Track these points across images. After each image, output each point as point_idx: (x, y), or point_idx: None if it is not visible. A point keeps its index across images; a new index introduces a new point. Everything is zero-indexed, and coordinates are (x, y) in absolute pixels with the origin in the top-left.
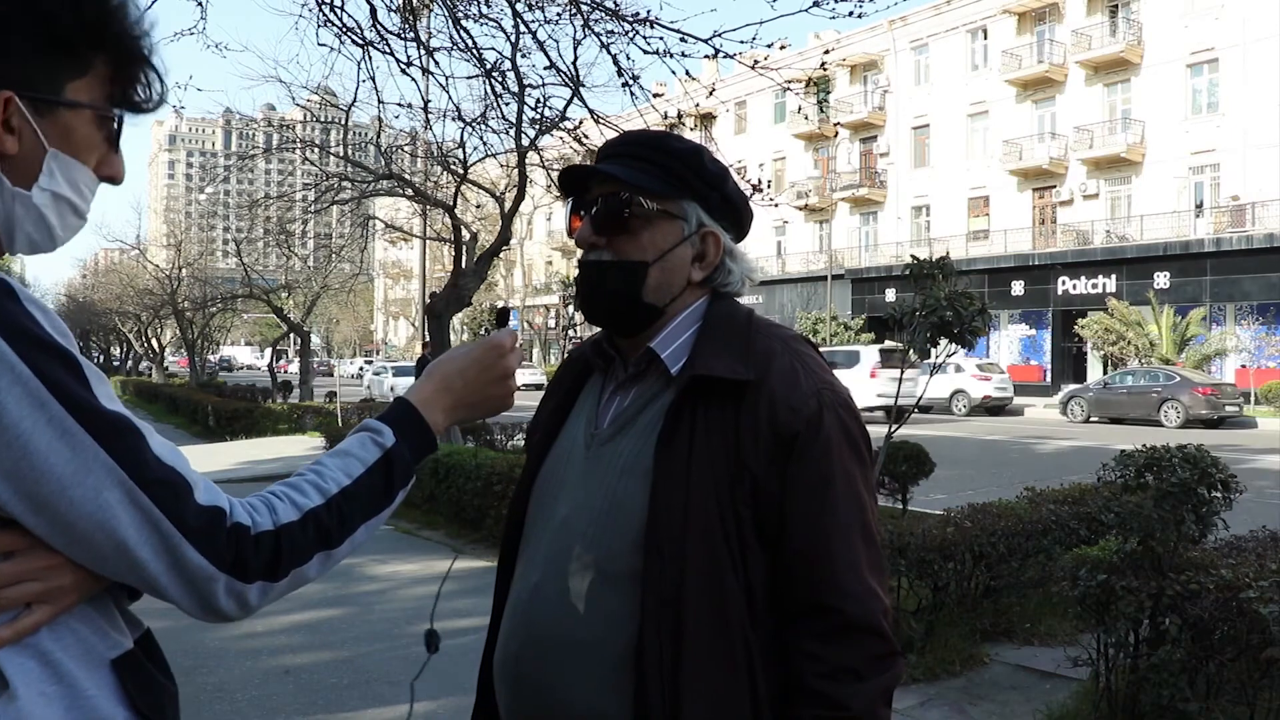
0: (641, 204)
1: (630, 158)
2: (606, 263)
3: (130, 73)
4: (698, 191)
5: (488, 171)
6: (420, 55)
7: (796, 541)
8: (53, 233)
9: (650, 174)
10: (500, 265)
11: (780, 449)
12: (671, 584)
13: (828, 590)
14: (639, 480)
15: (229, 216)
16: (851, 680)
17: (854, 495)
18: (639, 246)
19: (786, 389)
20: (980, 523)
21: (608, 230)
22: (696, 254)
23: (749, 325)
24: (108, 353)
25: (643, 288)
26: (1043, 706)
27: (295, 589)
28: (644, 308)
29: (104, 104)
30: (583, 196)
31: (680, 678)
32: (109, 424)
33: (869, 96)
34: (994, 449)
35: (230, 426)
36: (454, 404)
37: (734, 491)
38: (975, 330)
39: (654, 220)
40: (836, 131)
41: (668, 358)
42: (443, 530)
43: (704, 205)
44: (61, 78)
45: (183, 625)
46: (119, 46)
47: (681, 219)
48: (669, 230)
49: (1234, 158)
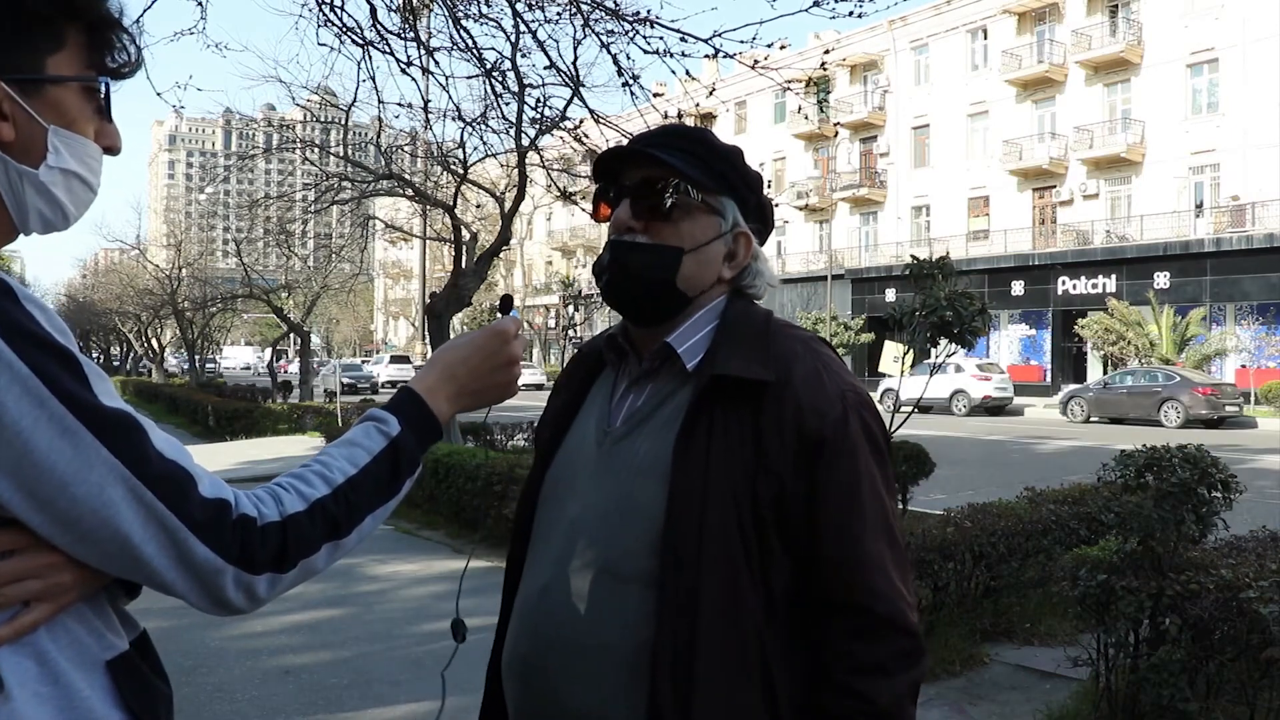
0: (688, 193)
1: (672, 147)
2: (643, 244)
3: (104, 38)
4: (738, 191)
5: (488, 171)
6: (420, 55)
7: (828, 545)
8: (65, 210)
9: (694, 165)
10: (500, 265)
11: (806, 452)
12: (687, 588)
13: (858, 591)
14: (655, 481)
15: (229, 216)
16: (880, 676)
17: (879, 498)
18: (677, 235)
19: (811, 392)
20: (980, 523)
21: (647, 214)
22: (728, 252)
23: (768, 326)
24: (107, 353)
25: (676, 275)
26: (1043, 706)
27: (304, 580)
28: (675, 294)
29: (87, 73)
30: (614, 182)
31: (694, 683)
32: (109, 421)
33: (869, 96)
34: (994, 449)
35: (230, 426)
36: (458, 391)
37: (755, 494)
38: (975, 330)
39: (694, 212)
40: (836, 131)
41: (684, 353)
42: (443, 530)
43: (741, 206)
44: (41, 54)
45: (183, 625)
46: (90, 13)
47: (720, 215)
48: (707, 224)
49: (1234, 158)
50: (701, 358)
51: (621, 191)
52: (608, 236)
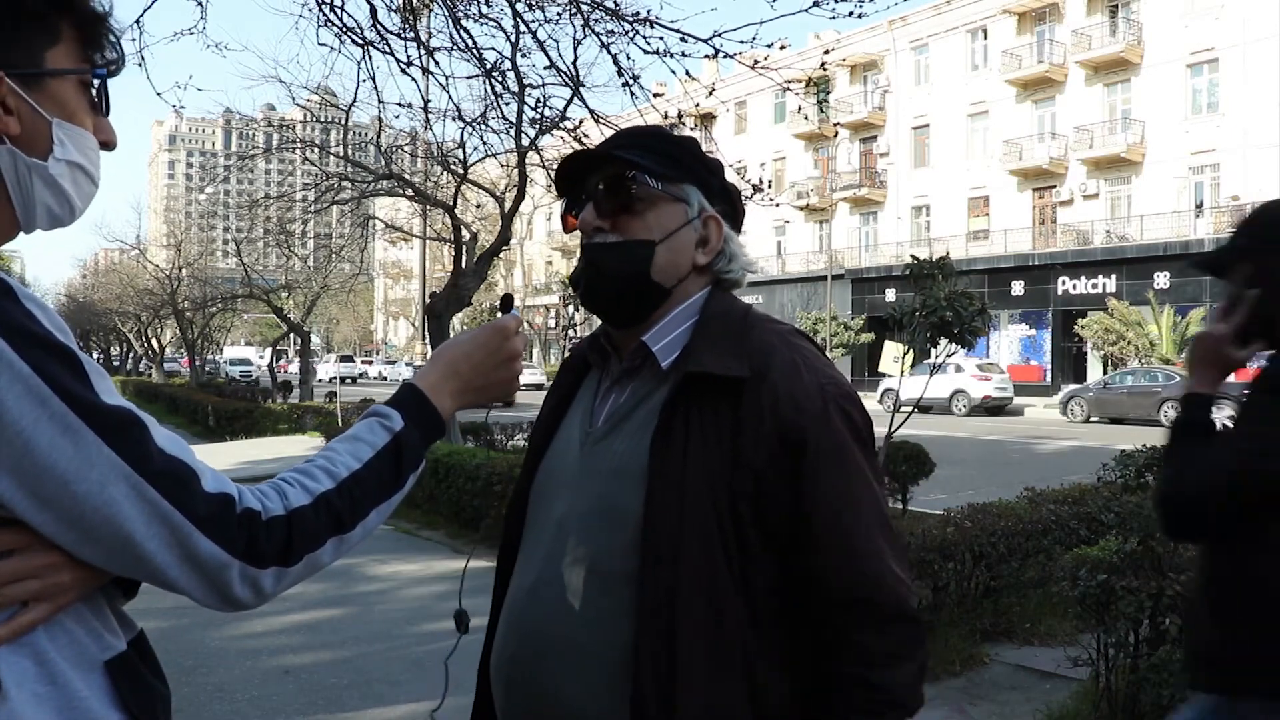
0: (646, 182)
1: (627, 146)
2: (613, 243)
3: (95, 31)
4: (698, 175)
5: (488, 171)
6: (420, 55)
7: (825, 543)
8: (71, 202)
9: (649, 158)
10: (500, 265)
11: (786, 447)
12: (666, 586)
13: (862, 585)
14: (633, 481)
15: (229, 216)
16: (893, 664)
17: (870, 489)
18: (645, 227)
19: (789, 385)
20: (980, 523)
21: (612, 212)
22: (700, 238)
23: (745, 320)
24: (107, 353)
25: (650, 266)
26: (1043, 706)
27: (310, 575)
28: (652, 286)
29: (83, 66)
30: (578, 193)
31: (676, 681)
32: (110, 418)
33: (869, 96)
34: (994, 449)
35: (230, 426)
36: (461, 388)
37: (732, 490)
38: (975, 330)
39: (657, 201)
40: (836, 131)
41: (659, 352)
42: (443, 530)
43: (704, 190)
44: (39, 49)
45: (183, 625)
46: (81, 8)
47: (684, 202)
48: (673, 212)
49: (1234, 158)
50: (677, 355)
51: (574, 205)
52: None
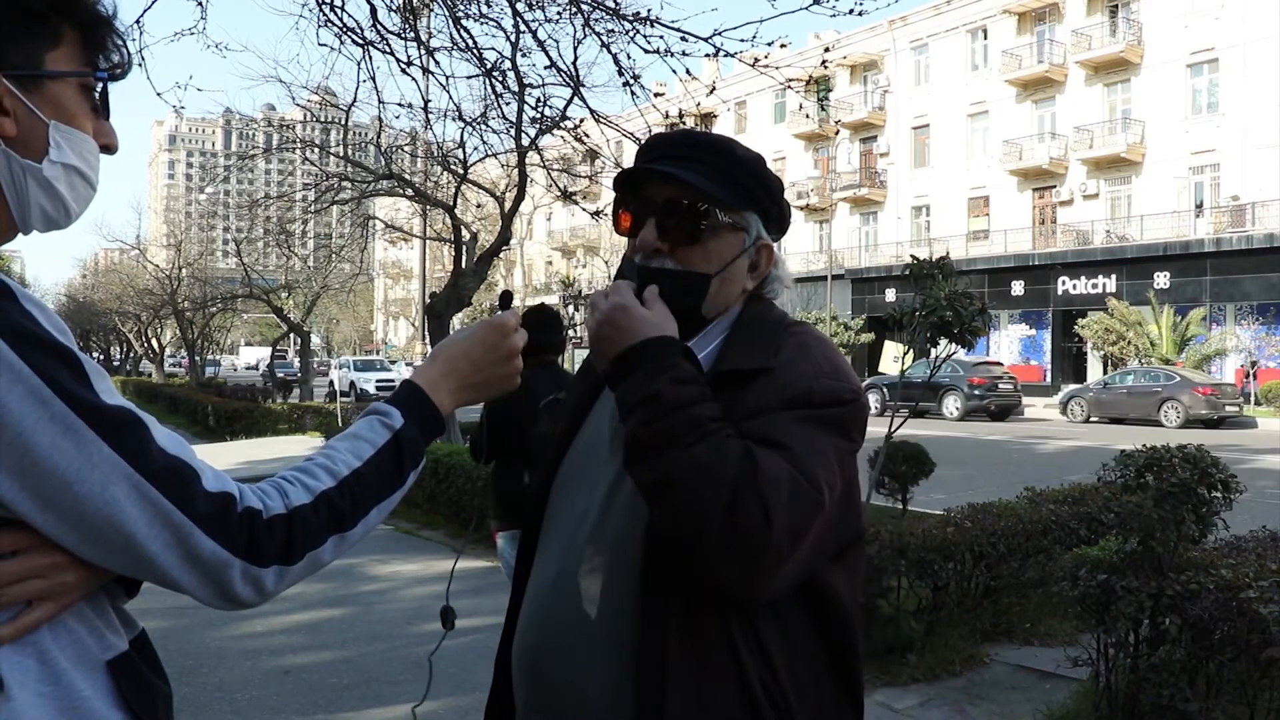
0: (717, 216)
1: (694, 161)
2: (671, 271)
3: (98, 35)
4: (762, 204)
5: (488, 171)
6: (420, 55)
7: None
8: (67, 205)
9: (720, 183)
10: (500, 265)
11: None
12: (670, 573)
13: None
14: None
15: (229, 216)
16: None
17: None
18: (704, 257)
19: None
20: (980, 523)
21: (675, 238)
22: (750, 264)
23: (780, 323)
24: (107, 353)
25: (703, 301)
26: (1043, 706)
27: (311, 573)
28: (697, 319)
29: (85, 69)
30: (636, 194)
31: (667, 666)
32: (111, 418)
33: (869, 96)
34: (994, 449)
35: (230, 426)
36: (460, 385)
37: None
38: (975, 330)
39: (720, 232)
40: (836, 131)
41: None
42: (443, 530)
43: (764, 218)
44: (40, 51)
45: (183, 625)
46: (84, 10)
47: (744, 231)
48: (732, 242)
49: (1234, 158)
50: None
51: (646, 208)
52: (629, 252)
